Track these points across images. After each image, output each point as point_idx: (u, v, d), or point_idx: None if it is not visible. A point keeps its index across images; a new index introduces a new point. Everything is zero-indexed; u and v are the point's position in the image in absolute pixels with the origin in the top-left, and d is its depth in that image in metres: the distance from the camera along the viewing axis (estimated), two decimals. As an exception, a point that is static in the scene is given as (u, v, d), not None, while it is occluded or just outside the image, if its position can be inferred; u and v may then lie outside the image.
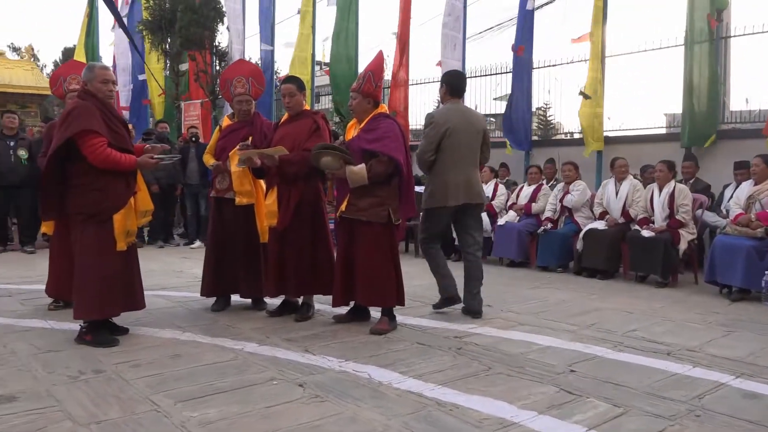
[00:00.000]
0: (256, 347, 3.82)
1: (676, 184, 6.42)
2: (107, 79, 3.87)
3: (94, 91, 3.85)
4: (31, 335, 4.04)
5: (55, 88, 5.08)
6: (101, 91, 3.85)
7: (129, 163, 3.81)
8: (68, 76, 4.98)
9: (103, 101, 3.84)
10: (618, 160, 6.98)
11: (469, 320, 4.64)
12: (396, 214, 4.28)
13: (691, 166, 7.19)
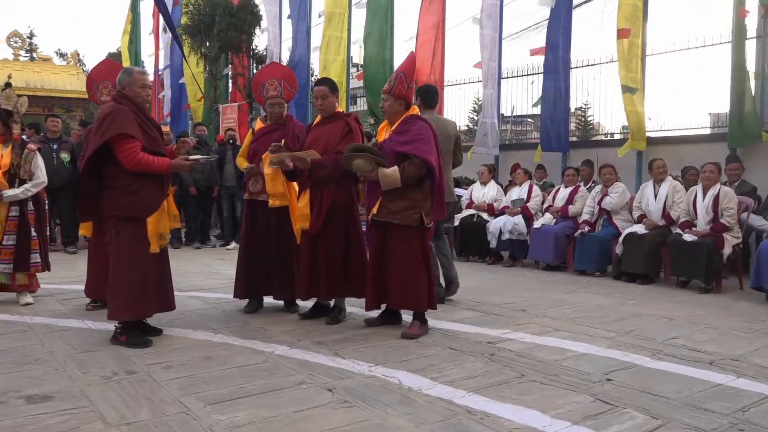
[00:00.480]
0: (286, 350, 3.81)
1: (720, 186, 6.20)
2: (146, 84, 3.92)
3: (131, 95, 3.90)
4: (68, 335, 4.12)
5: (90, 93, 5.13)
6: (139, 95, 3.90)
7: (162, 165, 3.85)
8: (100, 83, 5.00)
9: (138, 105, 3.90)
10: (656, 162, 6.78)
11: (502, 325, 4.55)
12: (428, 216, 4.23)
13: (737, 168, 6.93)
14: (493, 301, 5.45)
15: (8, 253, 4.94)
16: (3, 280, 4.97)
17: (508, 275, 7.09)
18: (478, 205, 8.32)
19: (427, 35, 11.00)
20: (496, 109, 10.61)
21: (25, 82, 18.00)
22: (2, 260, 4.93)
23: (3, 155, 4.95)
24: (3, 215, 4.93)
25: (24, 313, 4.73)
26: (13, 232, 4.97)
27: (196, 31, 13.82)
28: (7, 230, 4.94)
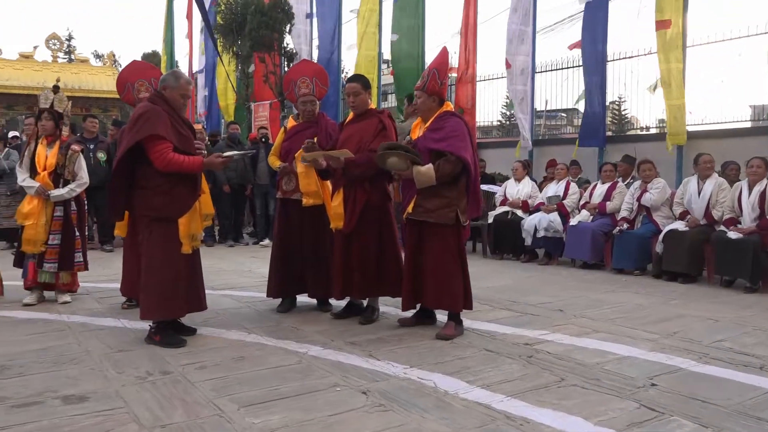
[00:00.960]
0: (320, 351, 3.77)
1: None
2: (187, 94, 3.95)
3: (169, 99, 3.89)
4: (104, 334, 4.15)
5: (123, 93, 5.08)
6: (177, 102, 3.91)
7: (194, 165, 3.83)
8: (135, 81, 5.00)
9: (175, 105, 3.89)
10: (702, 156, 6.54)
11: (539, 326, 4.44)
12: (464, 214, 4.14)
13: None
14: (529, 301, 5.33)
15: (54, 253, 5.01)
16: (48, 279, 5.04)
17: (544, 273, 6.95)
18: (512, 201, 8.18)
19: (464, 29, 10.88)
20: (530, 104, 10.44)
21: (63, 83, 18.24)
22: (48, 259, 5.00)
23: (49, 156, 5.02)
24: (49, 215, 5.00)
25: (62, 312, 4.79)
26: (58, 232, 5.04)
27: (228, 30, 13.92)
28: (52, 230, 5.01)
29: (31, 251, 4.94)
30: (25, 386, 3.12)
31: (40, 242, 4.94)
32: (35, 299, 5.04)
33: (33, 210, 4.91)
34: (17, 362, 3.51)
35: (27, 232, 4.91)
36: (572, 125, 16.90)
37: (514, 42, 10.14)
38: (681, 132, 8.40)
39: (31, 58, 19.68)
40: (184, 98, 3.93)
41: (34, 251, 4.94)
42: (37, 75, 18.52)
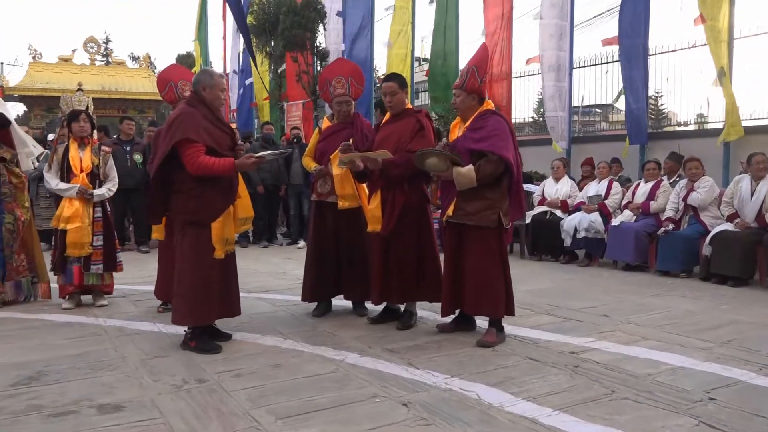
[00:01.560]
0: (357, 358, 3.67)
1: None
2: (224, 88, 3.90)
3: (208, 98, 3.83)
4: (140, 339, 4.12)
5: (164, 92, 5.06)
6: (218, 98, 3.85)
7: (225, 167, 3.75)
8: (179, 81, 4.96)
9: (212, 106, 3.83)
10: (755, 156, 6.20)
11: (584, 333, 4.26)
12: (506, 217, 3.99)
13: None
14: (572, 305, 5.14)
15: (99, 254, 5.04)
16: (94, 281, 5.05)
17: (585, 275, 6.74)
18: (550, 201, 7.96)
19: (492, 27, 10.66)
20: (567, 100, 10.18)
21: (101, 85, 18.71)
22: (95, 261, 5.02)
23: (83, 158, 5.03)
24: (90, 216, 5.01)
25: (98, 316, 4.78)
26: (100, 233, 5.06)
27: (261, 30, 13.95)
28: (95, 231, 5.02)
29: (78, 254, 4.94)
30: (62, 394, 3.08)
31: (86, 244, 4.95)
32: (74, 304, 5.05)
33: (76, 213, 4.91)
34: (55, 368, 3.49)
35: (72, 235, 4.91)
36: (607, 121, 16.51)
37: (551, 37, 9.89)
38: (737, 125, 8.01)
39: (69, 62, 20.07)
40: (223, 92, 3.87)
41: (81, 254, 4.95)
42: (76, 78, 18.83)
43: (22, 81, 19.14)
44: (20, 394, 3.09)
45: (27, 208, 5.13)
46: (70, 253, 4.91)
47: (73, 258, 4.95)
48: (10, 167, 5.00)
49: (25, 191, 5.14)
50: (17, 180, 5.03)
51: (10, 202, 5.00)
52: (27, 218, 5.11)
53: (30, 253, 5.23)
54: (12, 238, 4.99)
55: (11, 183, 5.02)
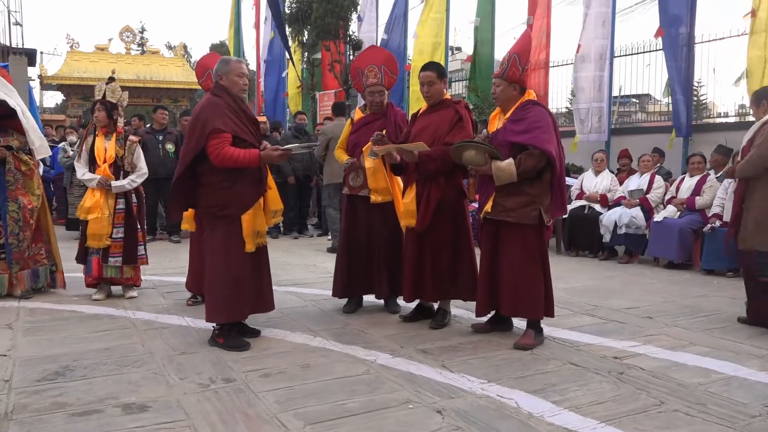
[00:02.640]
0: (389, 359, 3.53)
1: None
2: (242, 72, 3.74)
3: (228, 85, 3.72)
4: (168, 333, 4.04)
5: (202, 79, 4.98)
6: (237, 84, 3.72)
7: (249, 159, 3.62)
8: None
9: (235, 96, 3.71)
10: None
11: (628, 336, 4.05)
12: (547, 213, 3.79)
13: None
14: (613, 305, 4.92)
15: (118, 246, 4.96)
16: (113, 273, 5.00)
17: (626, 273, 6.48)
18: (589, 195, 7.69)
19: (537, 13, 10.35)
20: (607, 90, 9.83)
21: (136, 74, 18.88)
22: (113, 253, 4.95)
23: (107, 148, 4.97)
24: (111, 208, 4.95)
25: (128, 308, 4.73)
26: (121, 225, 4.99)
27: (295, 19, 13.85)
28: (115, 223, 4.96)
29: (96, 246, 4.89)
30: (87, 391, 3.01)
31: (105, 236, 4.90)
32: (104, 295, 5.01)
33: (96, 204, 4.86)
34: (82, 363, 3.43)
35: (91, 226, 4.87)
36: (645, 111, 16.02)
37: (592, 25, 9.55)
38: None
39: (106, 51, 20.29)
40: (241, 77, 3.72)
41: (99, 245, 4.90)
42: (112, 66, 18.94)
43: (60, 70, 19.42)
44: (46, 390, 3.03)
45: (37, 195, 5.02)
46: (90, 244, 4.89)
47: (93, 249, 4.91)
48: (18, 154, 4.94)
49: (35, 178, 5.05)
50: (26, 168, 4.97)
51: (13, 190, 4.93)
52: (36, 206, 5.00)
53: (47, 242, 5.19)
54: (17, 227, 4.91)
55: (20, 170, 4.96)
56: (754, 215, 4.24)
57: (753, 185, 4.30)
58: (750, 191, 4.32)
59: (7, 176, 4.91)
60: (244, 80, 3.73)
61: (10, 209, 4.88)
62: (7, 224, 4.85)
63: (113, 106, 5.00)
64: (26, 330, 4.10)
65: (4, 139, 4.91)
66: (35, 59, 22.89)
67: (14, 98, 5.06)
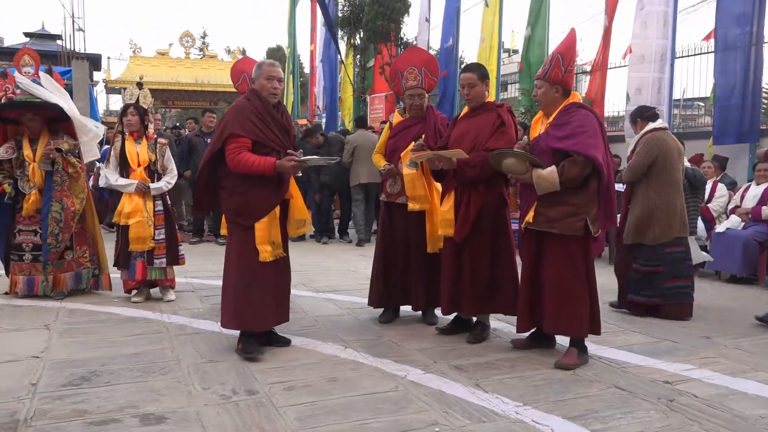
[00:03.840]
0: (420, 375, 3.36)
1: None
2: (272, 75, 3.64)
3: (258, 89, 3.65)
4: (199, 339, 3.99)
5: (238, 83, 5.06)
6: (265, 87, 3.63)
7: (264, 167, 3.51)
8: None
9: (265, 99, 3.63)
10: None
11: (682, 358, 3.75)
12: (594, 224, 3.54)
13: None
14: (667, 323, 4.60)
15: (162, 248, 4.98)
16: (158, 275, 5.01)
17: (683, 287, 6.07)
18: (645, 204, 7.29)
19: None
20: (668, 93, 9.36)
21: (194, 78, 19.29)
22: (157, 255, 4.97)
23: (140, 151, 4.99)
24: (150, 210, 4.96)
25: (164, 311, 4.72)
26: (162, 227, 5.00)
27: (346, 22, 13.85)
28: (156, 225, 4.98)
29: (141, 249, 4.90)
30: (109, 399, 2.96)
31: (148, 239, 4.91)
32: (143, 297, 5.03)
33: (136, 207, 4.87)
34: (109, 368, 3.40)
35: (134, 230, 4.87)
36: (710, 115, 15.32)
37: (653, 24, 9.11)
38: None
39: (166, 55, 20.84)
40: (270, 80, 3.61)
41: (144, 248, 4.90)
42: (171, 71, 19.59)
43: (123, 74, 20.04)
44: (69, 396, 3.00)
45: (81, 198, 5.06)
46: (134, 248, 4.87)
47: (137, 253, 4.91)
48: (67, 156, 5.00)
49: (81, 181, 5.09)
50: (73, 170, 5.02)
51: (59, 191, 4.97)
52: (79, 208, 5.03)
53: (93, 245, 5.24)
54: (58, 227, 4.95)
55: (67, 172, 5.01)
56: (636, 214, 4.86)
57: (635, 188, 4.94)
58: (633, 194, 4.96)
59: (55, 177, 4.98)
60: (274, 84, 3.63)
61: (53, 209, 4.94)
62: (48, 224, 4.92)
63: (144, 111, 5.03)
64: (62, 331, 4.13)
65: (55, 142, 5.00)
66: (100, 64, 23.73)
67: (67, 102, 5.15)
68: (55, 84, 5.12)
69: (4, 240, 5.06)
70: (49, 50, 22.41)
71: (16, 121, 5.03)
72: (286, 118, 3.76)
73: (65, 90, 5.24)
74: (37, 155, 4.94)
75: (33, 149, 4.97)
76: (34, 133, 5.02)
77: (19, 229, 5.01)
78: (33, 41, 24.52)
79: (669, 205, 4.76)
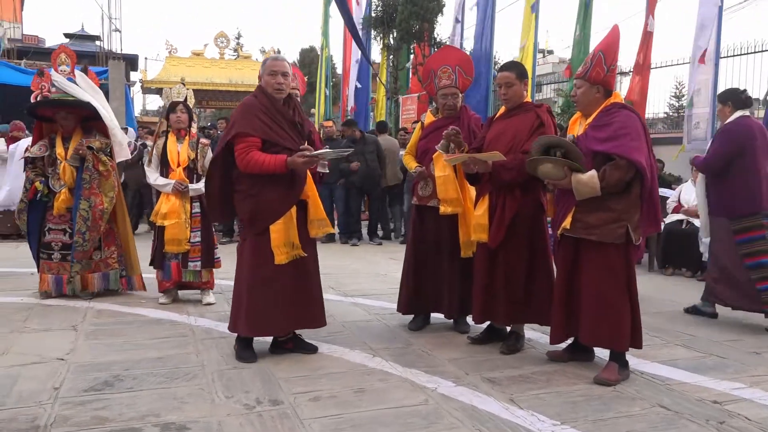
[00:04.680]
0: (451, 388, 3.21)
1: None
2: (275, 70, 3.50)
3: (264, 85, 3.55)
4: (225, 344, 3.90)
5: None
6: (269, 84, 3.51)
7: (276, 165, 3.39)
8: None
9: (271, 96, 3.51)
10: None
11: (731, 375, 3.52)
12: (636, 231, 3.35)
13: None
14: (713, 335, 4.37)
15: (197, 250, 4.91)
16: (192, 278, 4.95)
17: (728, 297, 5.79)
18: (688, 209, 7.01)
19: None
20: (712, 94, 9.00)
21: (229, 78, 19.43)
22: (192, 258, 4.91)
23: (180, 151, 4.94)
24: (188, 212, 4.91)
25: (191, 313, 4.67)
26: (198, 229, 4.94)
27: (380, 22, 13.73)
28: (192, 227, 4.92)
29: (176, 251, 4.84)
30: (131, 405, 2.89)
31: (184, 240, 4.85)
32: (170, 299, 4.99)
33: (173, 208, 4.81)
34: (132, 372, 3.34)
35: (170, 231, 4.82)
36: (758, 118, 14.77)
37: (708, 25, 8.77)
38: None
39: (201, 56, 21.04)
40: (274, 76, 3.48)
41: (179, 250, 4.84)
42: (206, 71, 19.79)
43: (159, 74, 20.30)
44: (91, 401, 2.94)
45: (110, 197, 5.02)
46: (168, 249, 4.82)
47: (171, 254, 4.86)
48: (98, 155, 4.98)
49: (111, 179, 5.04)
50: (103, 168, 4.98)
51: (88, 189, 4.94)
52: (107, 207, 4.99)
53: (122, 246, 5.21)
54: (85, 226, 4.91)
55: (97, 170, 4.98)
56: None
57: None
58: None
59: (84, 174, 4.96)
60: (278, 79, 3.48)
61: (81, 207, 4.91)
62: (75, 222, 4.90)
63: (191, 110, 4.99)
64: (89, 333, 4.10)
65: (87, 140, 4.99)
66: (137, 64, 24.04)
67: (100, 101, 5.14)
68: (90, 83, 5.12)
69: (37, 239, 5.07)
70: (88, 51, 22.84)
71: (51, 119, 5.05)
72: (298, 114, 3.63)
73: (100, 89, 5.23)
74: (68, 154, 4.94)
75: (65, 147, 4.98)
76: (68, 131, 5.03)
77: (49, 227, 5.02)
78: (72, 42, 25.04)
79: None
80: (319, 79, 19.84)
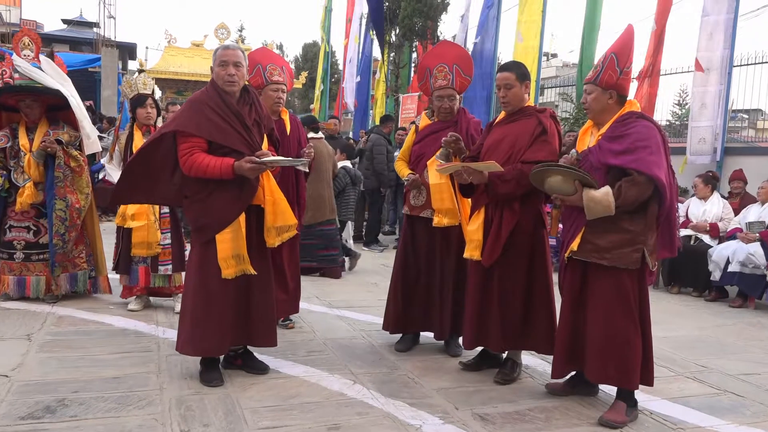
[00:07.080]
0: (437, 426, 2.85)
1: None
2: (225, 60, 3.13)
3: (215, 79, 3.18)
4: (190, 361, 3.44)
5: (252, 75, 4.62)
6: (220, 76, 3.15)
7: (221, 169, 3.04)
8: (267, 64, 4.43)
9: (221, 90, 3.15)
10: None
11: (748, 416, 3.17)
12: (652, 256, 2.99)
13: None
14: (727, 367, 4.01)
15: (167, 253, 4.55)
16: (161, 282, 4.58)
17: (739, 322, 5.44)
18: (696, 225, 6.65)
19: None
20: (723, 105, 8.64)
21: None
22: (162, 261, 4.54)
23: None
24: (156, 213, 4.54)
25: (160, 323, 4.31)
26: (168, 230, 4.57)
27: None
28: (162, 228, 4.55)
29: (145, 254, 4.48)
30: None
31: (154, 243, 4.48)
32: (141, 305, 4.61)
33: (141, 209, 4.43)
34: (80, 396, 2.98)
35: (137, 234, 4.45)
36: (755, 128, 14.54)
37: (717, 35, 8.41)
38: None
39: (201, 47, 20.70)
40: (224, 66, 3.12)
41: (149, 254, 4.48)
42: (206, 63, 19.40)
43: (157, 64, 19.95)
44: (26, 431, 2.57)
45: (86, 194, 4.68)
46: (137, 252, 4.45)
47: (140, 258, 4.49)
48: (68, 150, 4.61)
49: (84, 175, 4.70)
50: (75, 164, 4.62)
51: (62, 188, 4.57)
52: (83, 205, 4.65)
53: (90, 245, 4.84)
54: (63, 227, 4.55)
55: (68, 166, 4.61)
56: None
57: None
58: None
59: (57, 172, 4.57)
60: (228, 70, 3.11)
61: (57, 208, 4.54)
62: (53, 223, 4.53)
63: (158, 104, 4.61)
64: (43, 344, 3.74)
65: (54, 132, 4.61)
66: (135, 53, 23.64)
67: (68, 89, 4.76)
68: (58, 69, 4.73)
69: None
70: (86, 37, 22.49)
71: (13, 107, 4.66)
72: (255, 110, 3.25)
73: (68, 76, 4.84)
74: (34, 145, 4.56)
75: (30, 138, 4.60)
76: (32, 120, 4.64)
77: (11, 225, 4.63)
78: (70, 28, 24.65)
79: None
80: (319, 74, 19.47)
